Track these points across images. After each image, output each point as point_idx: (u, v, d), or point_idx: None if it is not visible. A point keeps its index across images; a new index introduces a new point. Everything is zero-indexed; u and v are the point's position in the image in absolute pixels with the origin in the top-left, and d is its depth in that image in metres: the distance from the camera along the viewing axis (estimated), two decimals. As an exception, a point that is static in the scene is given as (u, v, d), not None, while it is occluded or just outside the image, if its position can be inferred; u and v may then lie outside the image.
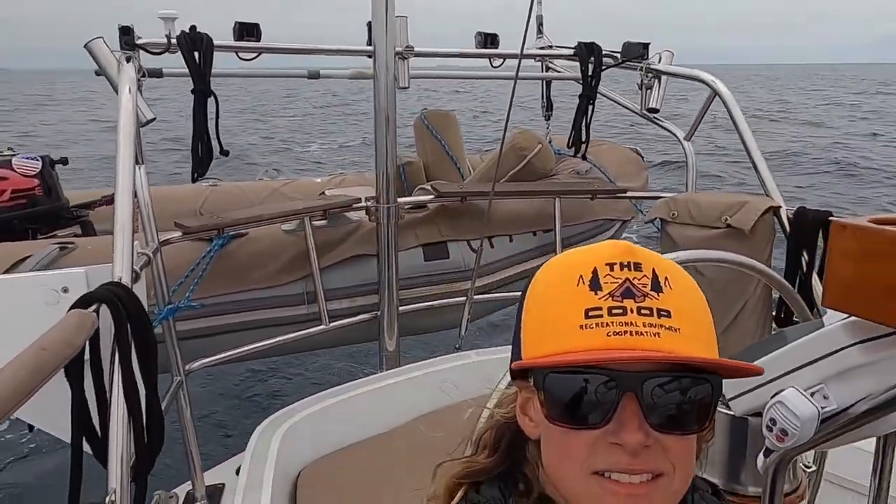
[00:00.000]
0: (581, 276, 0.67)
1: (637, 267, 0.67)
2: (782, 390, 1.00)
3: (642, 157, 4.72)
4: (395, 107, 3.06)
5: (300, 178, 5.55)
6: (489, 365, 2.82)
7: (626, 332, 0.63)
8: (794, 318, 2.45)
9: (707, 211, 3.14)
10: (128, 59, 2.54)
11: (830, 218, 2.94)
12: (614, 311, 0.64)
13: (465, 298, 3.42)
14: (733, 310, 2.93)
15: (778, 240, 3.06)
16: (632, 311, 0.64)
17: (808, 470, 1.53)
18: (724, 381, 0.68)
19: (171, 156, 14.76)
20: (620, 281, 0.66)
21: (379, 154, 3.06)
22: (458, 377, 2.78)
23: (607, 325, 0.64)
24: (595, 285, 0.66)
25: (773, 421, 0.99)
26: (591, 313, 0.65)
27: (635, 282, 0.66)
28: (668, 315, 0.64)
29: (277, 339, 3.07)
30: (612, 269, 0.66)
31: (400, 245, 3.28)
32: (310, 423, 2.44)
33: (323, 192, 4.05)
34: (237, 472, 2.15)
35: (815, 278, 2.94)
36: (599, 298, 0.65)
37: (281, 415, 2.40)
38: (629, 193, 3.94)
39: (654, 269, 0.67)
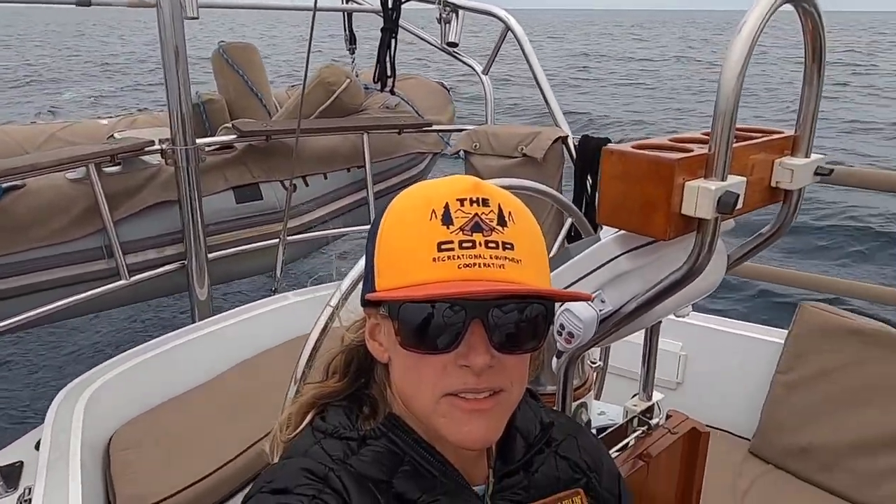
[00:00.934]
0: (433, 210, 0.70)
1: (485, 202, 0.71)
2: (568, 298, 1.14)
3: (448, 91, 4.85)
4: (183, 38, 2.82)
5: (82, 121, 4.92)
6: (307, 305, 2.82)
7: (475, 263, 0.67)
8: (572, 231, 2.73)
9: (505, 142, 3.34)
10: None
11: (608, 145, 3.27)
12: (464, 245, 0.68)
13: (279, 240, 3.35)
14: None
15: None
16: (480, 244, 0.68)
17: (595, 365, 1.77)
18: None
19: None
20: (470, 216, 0.69)
21: (171, 91, 2.82)
22: (275, 321, 2.75)
23: (458, 257, 0.68)
24: (447, 220, 0.69)
25: (563, 326, 1.12)
26: (443, 246, 0.68)
27: (483, 217, 0.70)
28: (512, 248, 0.69)
29: (69, 299, 2.80)
30: (462, 205, 0.70)
31: (208, 189, 3.09)
32: (119, 384, 2.28)
33: (112, 136, 3.66)
34: (37, 446, 1.97)
35: (597, 199, 3.28)
36: (451, 232, 0.69)
37: (84, 379, 2.22)
38: (435, 127, 4.04)
39: (499, 205, 0.71)
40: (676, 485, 1.60)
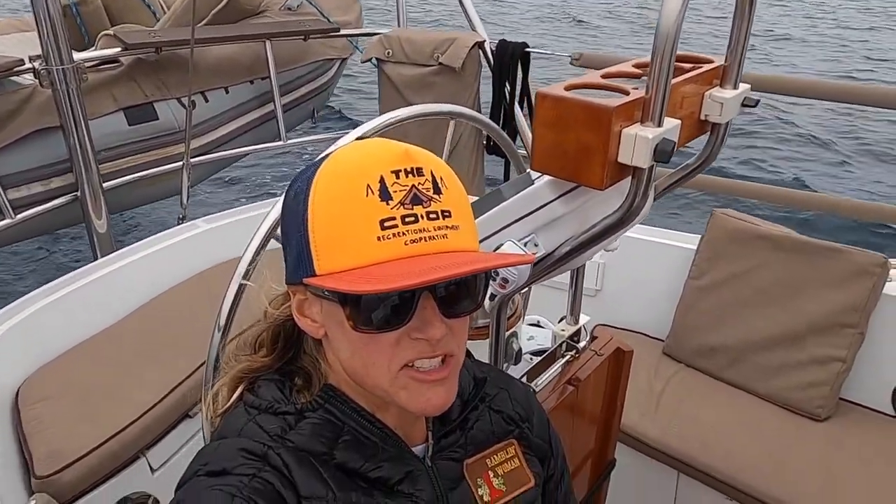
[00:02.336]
0: (368, 185, 0.67)
1: (419, 172, 0.68)
2: (501, 244, 1.11)
3: (354, -12, 4.51)
4: None
5: None
6: (221, 233, 2.68)
7: (420, 238, 0.66)
8: (492, 142, 2.66)
9: (420, 48, 3.18)
10: None
11: (526, 49, 3.18)
12: (407, 220, 0.66)
13: (181, 163, 3.10)
14: (451, 144, 3.13)
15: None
16: (422, 217, 0.67)
17: (522, 292, 1.78)
18: None
19: None
20: (408, 188, 0.67)
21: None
22: (186, 251, 2.60)
23: (403, 233, 0.66)
24: (385, 195, 0.67)
25: (497, 272, 1.10)
26: (386, 224, 0.66)
27: (420, 187, 0.68)
28: (450, 215, 0.68)
29: None
30: (398, 177, 0.67)
31: (94, 111, 2.78)
32: (19, 333, 2.12)
33: None
34: None
35: (516, 107, 3.22)
36: (391, 208, 0.66)
37: None
38: (343, 31, 3.78)
39: (432, 172, 0.69)
40: (602, 401, 1.68)
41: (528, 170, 1.18)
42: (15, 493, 1.75)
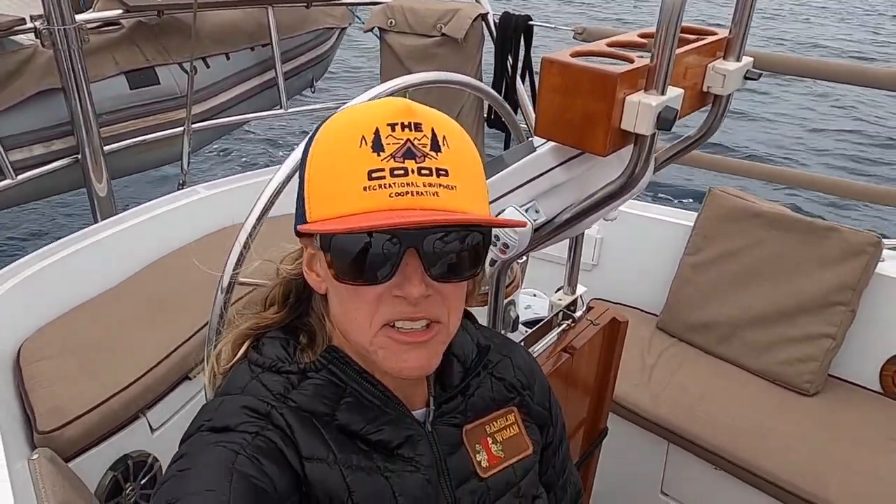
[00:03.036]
0: (363, 136, 0.66)
1: (417, 127, 0.67)
2: (503, 210, 1.13)
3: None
4: None
5: None
6: (221, 199, 2.68)
7: (407, 192, 0.65)
8: (502, 119, 2.69)
9: (423, 18, 3.16)
10: None
11: (530, 22, 3.16)
12: (396, 173, 0.65)
13: (182, 128, 3.10)
14: (452, 113, 3.13)
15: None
16: (412, 171, 0.65)
17: (521, 261, 1.80)
18: None
19: None
20: (402, 142, 0.66)
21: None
22: (186, 217, 2.61)
23: (389, 185, 0.65)
24: (377, 147, 0.66)
25: (497, 237, 1.11)
26: (373, 175, 0.65)
27: (416, 142, 0.66)
28: (446, 174, 0.67)
29: None
30: (393, 130, 0.66)
31: (96, 73, 2.77)
32: (23, 291, 2.13)
33: None
34: None
35: (518, 80, 3.22)
36: (382, 160, 0.65)
37: None
38: (345, 0, 3.75)
39: (433, 129, 0.68)
40: (596, 370, 1.71)
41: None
42: (17, 449, 1.78)
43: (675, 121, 0.95)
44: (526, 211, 1.15)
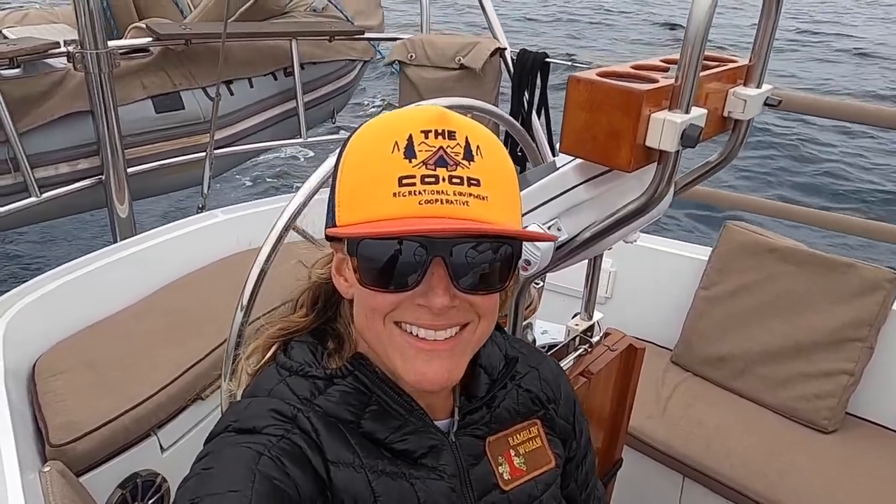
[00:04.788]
0: (396, 142, 0.66)
1: (451, 135, 0.67)
2: (525, 227, 1.14)
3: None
4: None
5: None
6: (238, 223, 2.71)
7: (436, 200, 0.64)
8: (518, 150, 2.74)
9: (442, 52, 3.24)
10: None
11: (546, 59, 3.23)
12: (427, 180, 0.64)
13: (205, 153, 3.16)
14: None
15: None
16: (443, 179, 0.65)
17: (538, 286, 1.81)
18: None
19: None
20: (434, 149, 0.66)
21: (76, -16, 2.51)
22: (204, 240, 2.64)
23: (419, 192, 0.64)
24: (410, 153, 0.65)
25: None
26: (404, 181, 0.64)
27: (448, 150, 0.66)
28: (478, 184, 0.66)
29: None
30: (426, 137, 0.66)
31: (124, 97, 2.84)
32: (40, 307, 2.16)
33: (0, 34, 3.27)
34: None
35: (533, 115, 3.27)
36: (413, 166, 0.65)
37: (1, 302, 2.08)
38: (367, 35, 3.85)
39: (467, 138, 0.67)
40: (612, 398, 1.70)
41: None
42: (30, 461, 1.78)
43: (700, 138, 0.97)
44: (548, 228, 1.16)
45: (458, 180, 0.65)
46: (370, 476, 0.73)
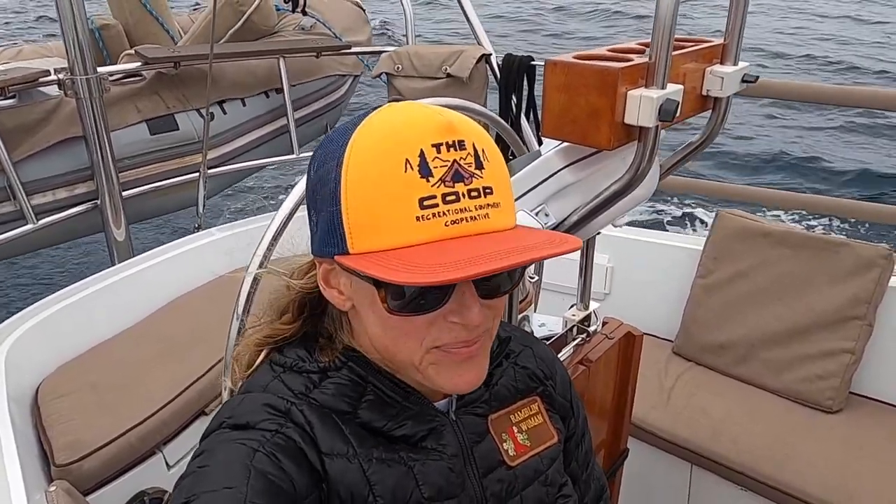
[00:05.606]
0: (407, 159, 0.63)
1: (461, 145, 0.65)
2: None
3: (364, 11, 4.66)
4: None
5: None
6: (234, 241, 2.73)
7: (461, 219, 0.63)
8: (510, 153, 2.77)
9: (428, 62, 3.27)
10: None
11: (532, 62, 3.26)
12: (448, 199, 0.63)
13: (198, 174, 3.18)
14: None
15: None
16: (463, 195, 0.63)
17: (533, 280, 1.82)
18: None
19: None
20: (449, 164, 0.63)
21: (63, 13, 2.55)
22: (201, 258, 2.65)
23: (444, 213, 0.63)
24: (425, 171, 0.63)
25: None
26: (425, 203, 0.62)
27: (462, 162, 0.64)
28: (492, 192, 0.65)
29: None
30: (438, 151, 0.64)
31: (120, 121, 2.87)
32: (40, 334, 2.17)
33: None
34: None
35: (522, 118, 3.30)
36: (432, 186, 0.63)
37: (3, 328, 2.10)
38: (355, 49, 3.89)
39: (474, 144, 0.66)
40: (614, 386, 1.70)
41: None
42: (36, 482, 1.78)
43: (677, 112, 0.99)
44: (536, 214, 1.18)
45: (476, 193, 0.64)
46: (364, 465, 0.72)
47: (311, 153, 0.76)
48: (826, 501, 1.80)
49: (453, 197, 0.63)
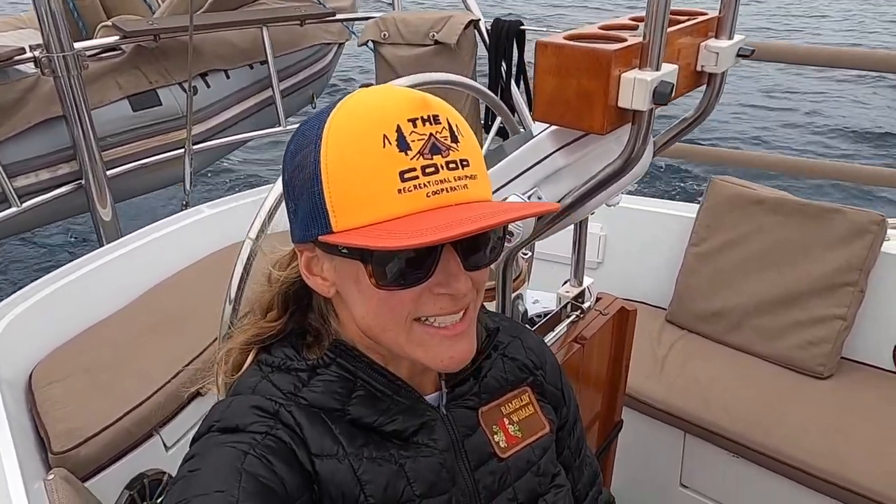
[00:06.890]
0: (385, 135, 0.64)
1: (436, 119, 0.66)
2: (506, 198, 1.13)
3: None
4: None
5: None
6: (224, 217, 2.70)
7: (442, 189, 0.64)
8: (501, 123, 2.73)
9: (415, 28, 3.19)
10: None
11: (521, 27, 3.20)
12: (428, 171, 0.64)
13: (184, 150, 3.12)
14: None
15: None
16: (441, 167, 0.65)
17: (526, 256, 1.81)
18: None
19: None
20: (426, 137, 0.65)
21: (35, -12, 2.46)
22: (191, 236, 2.62)
23: (424, 185, 0.64)
24: (403, 145, 0.64)
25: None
26: (406, 175, 0.63)
27: (438, 136, 0.65)
28: (468, 164, 0.66)
29: None
30: (415, 126, 0.65)
31: (100, 99, 2.79)
32: (30, 318, 2.15)
33: None
34: None
35: (512, 84, 3.24)
36: (411, 159, 0.64)
37: None
38: (340, 16, 3.79)
39: (448, 119, 0.67)
40: (608, 361, 1.71)
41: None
42: (33, 471, 1.78)
43: (672, 95, 0.96)
44: (528, 198, 1.16)
45: (453, 165, 0.65)
46: (355, 464, 0.72)
47: (297, 125, 0.75)
48: (817, 466, 1.83)
49: (432, 169, 0.64)
